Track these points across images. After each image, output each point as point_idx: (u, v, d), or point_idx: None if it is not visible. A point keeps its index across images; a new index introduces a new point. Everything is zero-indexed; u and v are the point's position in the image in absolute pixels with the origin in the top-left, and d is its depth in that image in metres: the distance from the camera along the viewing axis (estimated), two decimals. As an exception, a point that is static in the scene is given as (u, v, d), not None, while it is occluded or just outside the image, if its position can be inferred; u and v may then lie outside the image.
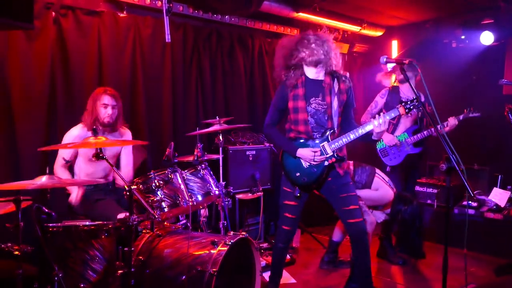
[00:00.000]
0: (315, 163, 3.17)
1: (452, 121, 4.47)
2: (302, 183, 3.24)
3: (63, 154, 3.58)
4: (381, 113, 3.11)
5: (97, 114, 3.55)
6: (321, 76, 3.26)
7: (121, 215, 3.29)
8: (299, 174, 3.23)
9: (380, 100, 4.71)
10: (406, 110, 3.09)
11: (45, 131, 3.96)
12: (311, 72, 3.26)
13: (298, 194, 3.26)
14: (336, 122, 3.23)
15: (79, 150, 3.63)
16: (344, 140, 3.16)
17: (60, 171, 3.54)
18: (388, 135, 4.55)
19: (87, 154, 3.60)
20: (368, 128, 3.12)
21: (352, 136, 3.15)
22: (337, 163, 3.23)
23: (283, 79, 3.29)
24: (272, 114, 3.35)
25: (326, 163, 3.19)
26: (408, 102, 3.10)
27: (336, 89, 3.24)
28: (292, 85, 3.24)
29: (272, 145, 5.11)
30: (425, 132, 4.50)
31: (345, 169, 3.34)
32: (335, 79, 3.27)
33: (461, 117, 4.49)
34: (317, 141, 3.21)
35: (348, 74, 3.38)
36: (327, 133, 3.20)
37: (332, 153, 3.17)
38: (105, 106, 3.57)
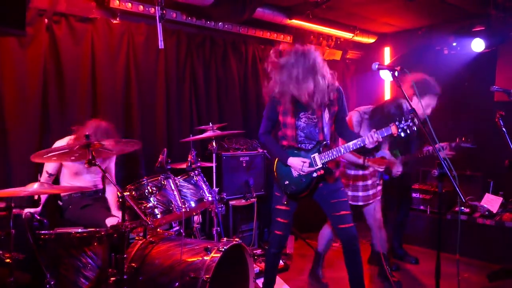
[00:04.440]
0: (303, 173, 3.17)
1: (446, 150, 4.39)
2: (290, 191, 3.24)
3: (47, 167, 3.58)
4: (373, 131, 3.04)
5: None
6: None
7: (109, 220, 3.29)
8: (288, 182, 3.23)
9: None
10: (399, 130, 2.96)
11: (37, 138, 3.94)
12: None
13: (285, 202, 3.27)
14: (327, 134, 3.22)
15: (63, 163, 3.62)
16: (334, 153, 3.14)
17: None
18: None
19: (72, 168, 3.60)
20: (358, 144, 3.08)
21: (343, 150, 3.13)
22: (326, 175, 3.23)
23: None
24: (265, 124, 3.36)
25: (314, 174, 3.18)
26: (403, 122, 2.95)
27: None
28: (281, 99, 3.20)
29: (266, 151, 5.11)
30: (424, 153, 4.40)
31: (335, 177, 3.34)
32: None
33: (453, 144, 4.43)
34: (309, 152, 3.20)
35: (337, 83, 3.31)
36: (320, 145, 3.19)
37: (321, 165, 3.17)
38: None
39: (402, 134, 2.96)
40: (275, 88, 3.17)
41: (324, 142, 3.19)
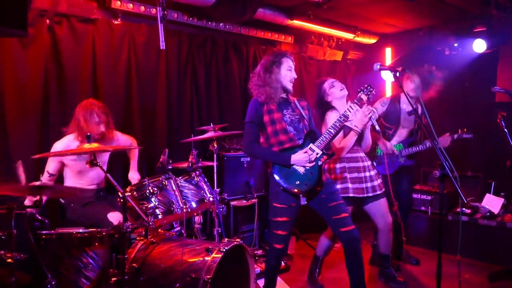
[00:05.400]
0: (310, 164, 3.16)
1: (448, 139, 4.43)
2: (306, 189, 3.19)
3: (48, 167, 3.58)
4: (349, 103, 3.37)
5: (90, 130, 3.55)
6: (285, 96, 3.40)
7: (111, 215, 3.29)
8: (299, 182, 3.18)
9: (380, 108, 4.61)
10: (367, 96, 3.40)
11: (38, 138, 3.95)
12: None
13: (306, 202, 3.23)
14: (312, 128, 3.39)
15: (65, 163, 3.63)
16: (327, 136, 3.21)
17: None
18: (386, 142, 4.52)
19: (75, 167, 3.61)
20: (342, 118, 3.25)
21: (332, 130, 3.21)
22: (329, 159, 3.30)
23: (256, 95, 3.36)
24: (250, 130, 3.28)
25: (320, 162, 3.21)
26: (364, 89, 3.40)
27: (299, 105, 3.43)
28: (263, 100, 3.29)
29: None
30: (420, 147, 4.45)
31: (328, 177, 3.42)
32: (295, 99, 3.46)
33: (455, 136, 4.47)
34: (303, 146, 3.23)
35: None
36: (309, 136, 3.27)
37: (321, 152, 3.20)
38: (98, 124, 3.60)
39: (369, 98, 3.42)
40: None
41: (311, 133, 3.29)
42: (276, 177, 3.20)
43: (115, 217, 3.31)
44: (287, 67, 3.32)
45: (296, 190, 3.18)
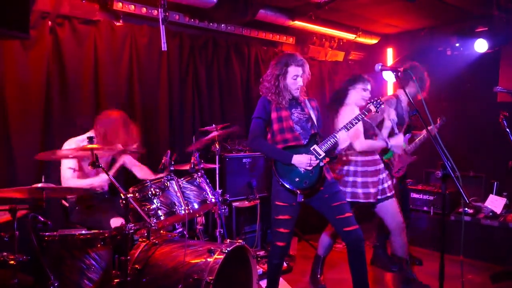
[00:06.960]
0: (310, 168, 3.18)
1: (434, 130, 4.43)
2: (305, 186, 3.21)
3: (69, 164, 3.53)
4: (358, 113, 3.35)
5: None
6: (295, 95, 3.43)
7: (115, 220, 3.29)
8: (298, 179, 3.21)
9: (392, 111, 4.41)
10: (376, 107, 3.39)
11: (41, 139, 3.95)
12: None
13: (302, 199, 3.24)
14: (320, 129, 3.38)
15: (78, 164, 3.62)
16: (332, 140, 3.24)
17: (73, 182, 3.48)
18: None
19: (84, 169, 3.61)
20: (349, 126, 3.27)
21: (337, 135, 3.24)
22: (331, 162, 3.32)
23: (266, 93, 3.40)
24: (257, 125, 3.33)
25: (321, 163, 3.23)
26: (373, 102, 3.41)
27: (309, 105, 3.44)
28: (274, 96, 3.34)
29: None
30: (421, 138, 4.46)
31: (333, 176, 3.42)
32: (305, 99, 3.48)
33: (438, 125, 4.52)
34: (307, 147, 3.25)
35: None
36: (314, 137, 3.29)
37: (324, 154, 3.22)
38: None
39: (378, 111, 3.42)
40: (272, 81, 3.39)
41: (317, 134, 3.30)
42: (277, 172, 3.25)
43: (117, 223, 3.31)
44: (292, 76, 3.34)
45: (289, 186, 3.20)
